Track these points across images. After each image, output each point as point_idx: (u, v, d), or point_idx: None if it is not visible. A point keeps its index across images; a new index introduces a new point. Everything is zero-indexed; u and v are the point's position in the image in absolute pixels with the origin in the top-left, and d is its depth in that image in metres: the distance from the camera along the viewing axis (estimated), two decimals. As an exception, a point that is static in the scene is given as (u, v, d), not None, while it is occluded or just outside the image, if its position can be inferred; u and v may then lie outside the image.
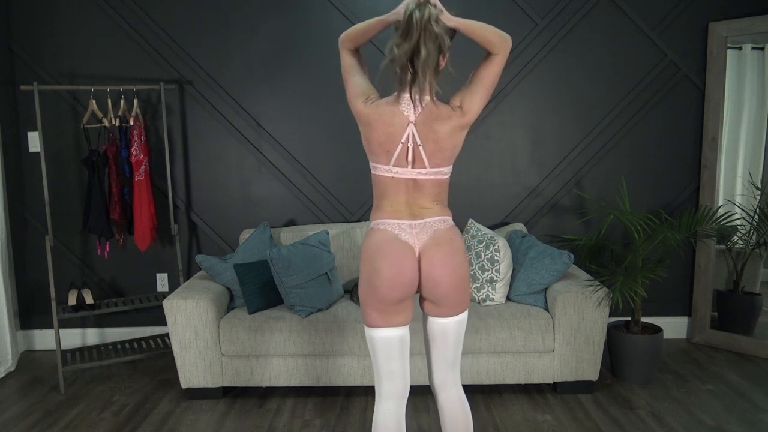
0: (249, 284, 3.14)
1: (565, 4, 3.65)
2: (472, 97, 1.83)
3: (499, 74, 1.85)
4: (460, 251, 1.88)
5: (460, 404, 1.99)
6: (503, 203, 3.81)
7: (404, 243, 1.85)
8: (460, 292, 1.88)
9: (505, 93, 3.73)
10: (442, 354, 1.95)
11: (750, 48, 3.61)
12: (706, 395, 3.07)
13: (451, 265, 1.85)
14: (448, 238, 1.87)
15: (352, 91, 1.90)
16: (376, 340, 1.89)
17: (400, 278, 1.81)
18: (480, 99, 1.83)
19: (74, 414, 3.01)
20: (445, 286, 1.85)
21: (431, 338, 1.96)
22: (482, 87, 1.83)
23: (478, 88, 1.83)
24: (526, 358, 3.04)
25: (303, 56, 3.71)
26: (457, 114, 1.82)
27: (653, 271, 3.14)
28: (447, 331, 1.92)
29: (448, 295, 1.86)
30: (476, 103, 1.83)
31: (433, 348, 1.96)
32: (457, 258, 1.87)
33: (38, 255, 3.84)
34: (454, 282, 1.86)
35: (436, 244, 1.85)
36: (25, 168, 3.80)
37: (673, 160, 3.78)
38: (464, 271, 1.88)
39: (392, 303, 1.84)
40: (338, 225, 3.66)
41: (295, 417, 2.94)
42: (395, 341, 1.89)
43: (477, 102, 1.83)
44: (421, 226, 1.87)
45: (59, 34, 3.69)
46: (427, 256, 1.84)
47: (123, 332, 3.93)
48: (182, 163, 3.81)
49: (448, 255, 1.85)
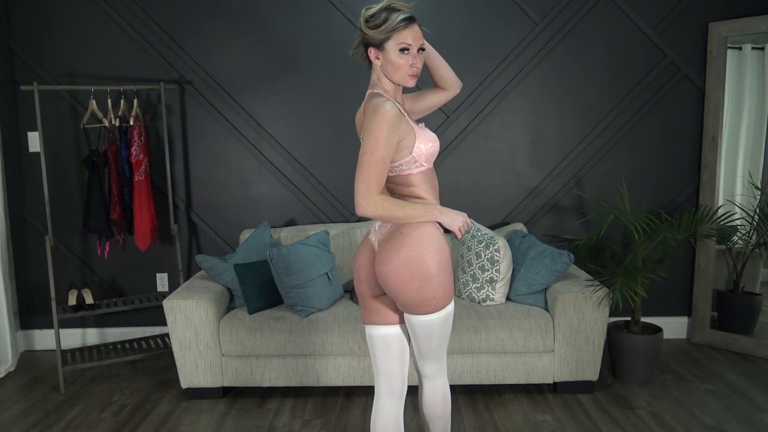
0: (249, 284, 3.14)
1: (565, 4, 3.65)
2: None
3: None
4: (408, 246, 1.79)
5: (433, 394, 2.02)
6: (503, 203, 3.81)
7: (367, 241, 1.97)
8: (410, 292, 1.79)
9: (505, 93, 3.73)
10: (414, 345, 1.96)
11: (750, 48, 3.61)
12: (706, 395, 3.07)
13: (394, 262, 1.80)
14: (399, 232, 1.82)
15: (405, 145, 1.83)
16: (367, 337, 2.01)
17: (358, 274, 1.97)
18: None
19: (74, 414, 3.01)
20: (390, 283, 1.83)
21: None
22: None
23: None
24: (526, 358, 3.04)
25: (303, 56, 3.71)
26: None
27: (653, 271, 3.14)
28: (413, 326, 1.89)
29: (397, 294, 1.83)
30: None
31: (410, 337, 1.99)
32: (404, 254, 1.79)
33: (38, 255, 3.84)
34: (400, 281, 1.80)
35: (386, 240, 1.86)
36: (25, 168, 3.80)
37: (673, 160, 3.78)
38: (413, 269, 1.78)
39: (365, 298, 1.97)
40: (338, 225, 3.66)
41: (295, 417, 2.94)
42: (379, 339, 1.95)
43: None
44: (383, 224, 1.91)
45: (59, 34, 3.69)
46: (378, 252, 1.88)
47: (123, 332, 3.93)
48: (182, 163, 3.81)
49: (393, 250, 1.81)
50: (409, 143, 1.81)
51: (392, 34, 1.77)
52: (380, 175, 1.71)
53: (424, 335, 1.89)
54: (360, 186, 1.71)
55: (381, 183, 1.72)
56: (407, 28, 1.77)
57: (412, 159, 1.83)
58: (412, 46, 1.79)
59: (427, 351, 1.94)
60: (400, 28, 1.76)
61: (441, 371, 2.02)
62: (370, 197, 1.70)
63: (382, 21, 1.76)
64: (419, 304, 1.82)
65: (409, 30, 1.77)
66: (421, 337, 1.90)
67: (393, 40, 1.78)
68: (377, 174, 1.71)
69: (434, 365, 1.99)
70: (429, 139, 1.86)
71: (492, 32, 3.68)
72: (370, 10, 1.79)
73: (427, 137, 1.86)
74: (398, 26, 1.76)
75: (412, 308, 1.84)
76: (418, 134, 1.83)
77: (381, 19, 1.76)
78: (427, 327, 1.87)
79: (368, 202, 1.70)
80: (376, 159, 1.70)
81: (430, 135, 1.88)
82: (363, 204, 1.70)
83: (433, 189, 1.92)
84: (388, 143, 1.72)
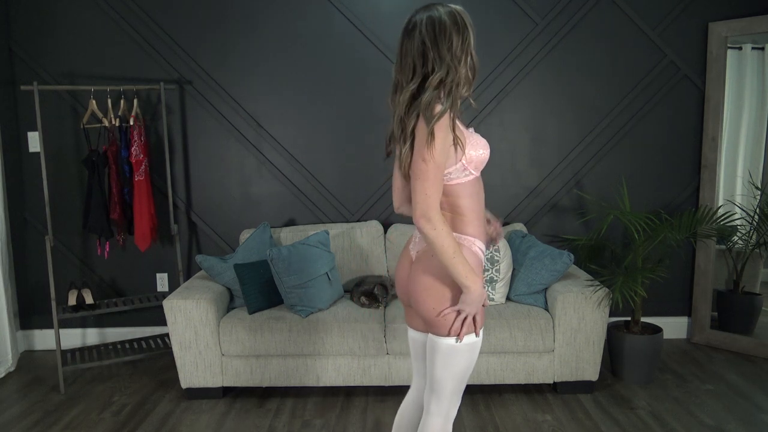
0: (249, 284, 3.14)
1: (565, 4, 3.65)
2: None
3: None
4: (425, 260, 1.75)
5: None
6: (503, 203, 3.81)
7: (407, 251, 1.91)
8: (420, 301, 1.75)
9: (505, 93, 3.73)
10: (429, 369, 1.83)
11: (750, 48, 3.61)
12: (706, 395, 3.07)
13: (407, 268, 1.83)
14: (423, 247, 1.79)
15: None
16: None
17: (397, 281, 1.93)
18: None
19: (74, 414, 3.01)
20: (402, 286, 1.86)
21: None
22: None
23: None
24: (526, 358, 3.04)
25: (303, 56, 3.71)
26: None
27: (653, 271, 3.14)
28: (430, 346, 1.79)
29: (410, 300, 1.82)
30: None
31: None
32: (421, 264, 1.76)
33: (38, 255, 3.84)
34: (412, 287, 1.78)
35: (422, 255, 1.80)
36: (25, 168, 3.80)
37: (673, 160, 3.78)
38: (424, 281, 1.74)
39: (402, 301, 1.94)
40: (338, 225, 3.66)
41: (295, 417, 2.94)
42: (410, 340, 2.00)
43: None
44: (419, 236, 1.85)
45: (59, 34, 3.69)
46: (413, 265, 1.84)
47: (123, 332, 3.93)
48: (182, 163, 3.81)
49: (409, 258, 1.85)
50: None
51: None
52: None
53: (430, 356, 1.80)
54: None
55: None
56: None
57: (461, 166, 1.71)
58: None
59: (430, 377, 1.83)
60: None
61: (439, 414, 1.81)
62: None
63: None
64: (428, 311, 1.75)
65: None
66: (428, 358, 1.82)
67: None
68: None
69: (435, 401, 1.82)
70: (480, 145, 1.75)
71: (492, 32, 3.68)
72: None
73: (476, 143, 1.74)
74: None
75: (425, 320, 1.79)
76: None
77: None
78: (432, 347, 1.78)
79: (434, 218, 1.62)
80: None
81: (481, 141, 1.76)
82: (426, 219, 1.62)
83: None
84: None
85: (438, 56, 1.63)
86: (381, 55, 3.68)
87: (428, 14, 1.65)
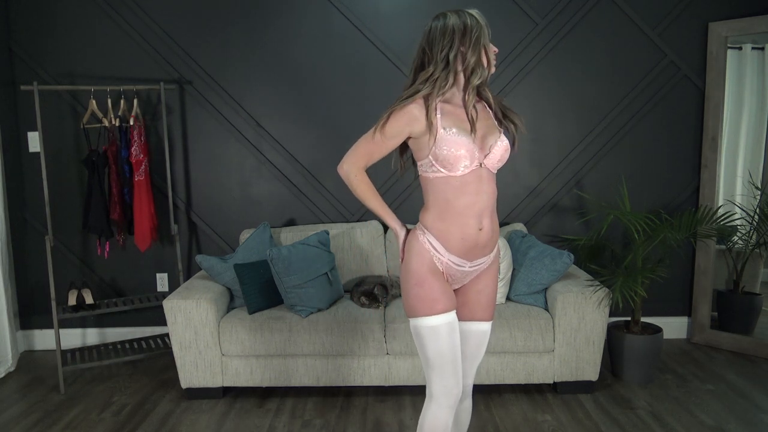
0: (249, 284, 3.14)
1: (565, 4, 3.65)
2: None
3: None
4: (408, 250, 1.88)
5: (422, 413, 1.95)
6: (503, 203, 3.81)
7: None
8: (404, 291, 1.90)
9: (505, 93, 3.73)
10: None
11: (750, 48, 3.61)
12: (706, 395, 3.07)
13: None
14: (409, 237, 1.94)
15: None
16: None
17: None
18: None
19: (74, 414, 3.01)
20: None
21: None
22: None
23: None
24: (526, 358, 3.04)
25: (303, 56, 3.71)
26: None
27: (653, 271, 3.14)
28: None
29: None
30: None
31: None
32: (406, 255, 1.89)
33: (38, 255, 3.84)
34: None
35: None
36: (25, 168, 3.80)
37: (673, 160, 3.78)
38: (404, 270, 1.89)
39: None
40: (338, 225, 3.66)
41: (295, 417, 2.94)
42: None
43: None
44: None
45: (59, 34, 3.69)
46: None
47: (123, 332, 3.93)
48: (182, 163, 3.81)
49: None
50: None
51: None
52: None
53: (416, 342, 1.91)
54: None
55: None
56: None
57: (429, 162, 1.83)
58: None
59: (422, 361, 1.91)
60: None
61: (429, 396, 1.89)
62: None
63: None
64: (406, 304, 1.90)
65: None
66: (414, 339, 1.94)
67: None
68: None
69: (426, 383, 1.91)
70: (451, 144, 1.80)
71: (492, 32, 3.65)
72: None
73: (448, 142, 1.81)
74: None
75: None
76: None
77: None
78: (416, 330, 1.87)
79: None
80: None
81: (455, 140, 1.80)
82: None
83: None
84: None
85: (431, 55, 1.85)
86: (381, 56, 3.68)
87: (433, 23, 1.89)
